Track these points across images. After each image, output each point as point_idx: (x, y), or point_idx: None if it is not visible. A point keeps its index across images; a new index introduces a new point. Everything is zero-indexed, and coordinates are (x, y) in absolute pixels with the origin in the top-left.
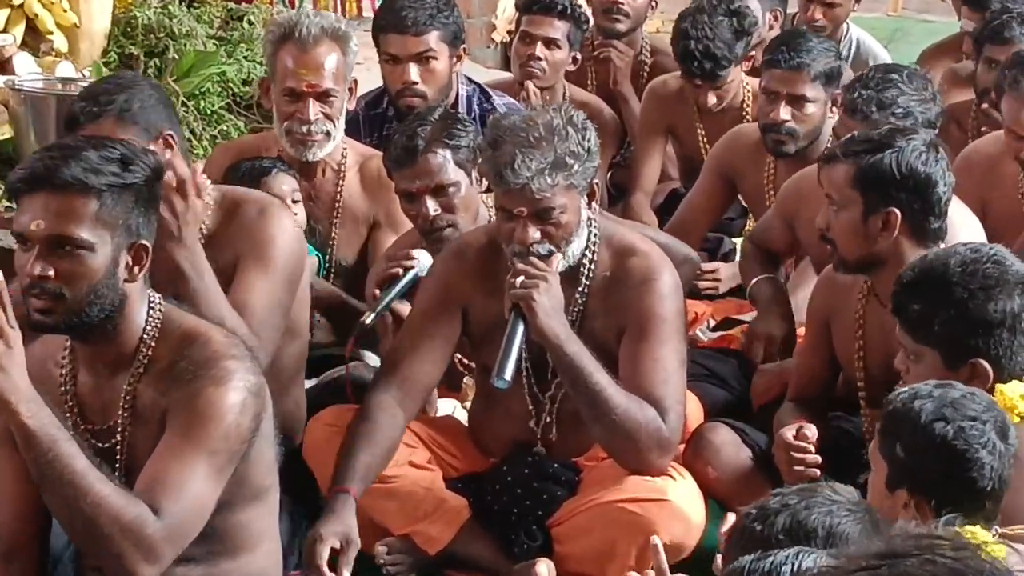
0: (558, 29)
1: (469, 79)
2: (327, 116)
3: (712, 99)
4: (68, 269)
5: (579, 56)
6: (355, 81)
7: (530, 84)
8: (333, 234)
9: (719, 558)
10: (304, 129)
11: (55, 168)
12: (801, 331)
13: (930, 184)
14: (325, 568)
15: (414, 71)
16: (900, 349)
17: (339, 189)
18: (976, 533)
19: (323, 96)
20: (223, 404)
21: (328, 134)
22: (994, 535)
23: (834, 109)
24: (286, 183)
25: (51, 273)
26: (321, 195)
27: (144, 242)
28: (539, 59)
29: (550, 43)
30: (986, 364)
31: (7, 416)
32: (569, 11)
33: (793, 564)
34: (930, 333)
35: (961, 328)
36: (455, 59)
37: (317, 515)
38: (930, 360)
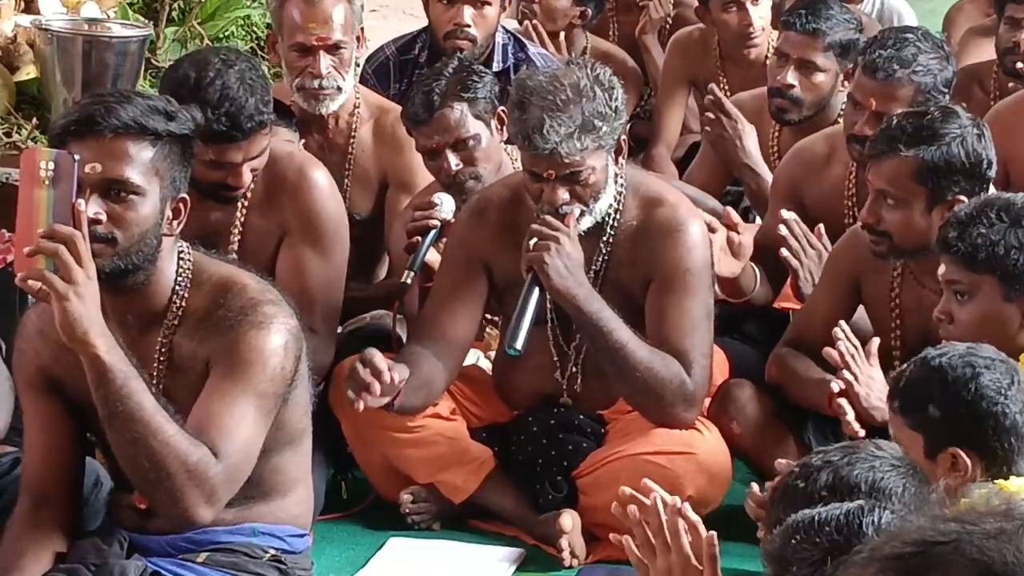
0: None
1: (504, 28)
2: (337, 69)
3: (753, 17)
4: (120, 214)
5: (589, 11)
6: (362, 29)
7: (528, 24)
8: (345, 187)
9: (754, 486)
10: (316, 84)
11: (112, 111)
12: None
13: (988, 165)
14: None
15: (468, 14)
16: (942, 298)
17: (351, 142)
18: (1021, 488)
19: (333, 49)
20: (266, 347)
21: (339, 87)
22: None
23: (845, 83)
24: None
25: (103, 217)
26: (333, 147)
27: (184, 195)
28: (533, 1)
29: None
30: None
31: (82, 348)
32: None
33: (872, 519)
34: (992, 258)
35: None
36: (503, 8)
37: (342, 462)
38: (986, 291)
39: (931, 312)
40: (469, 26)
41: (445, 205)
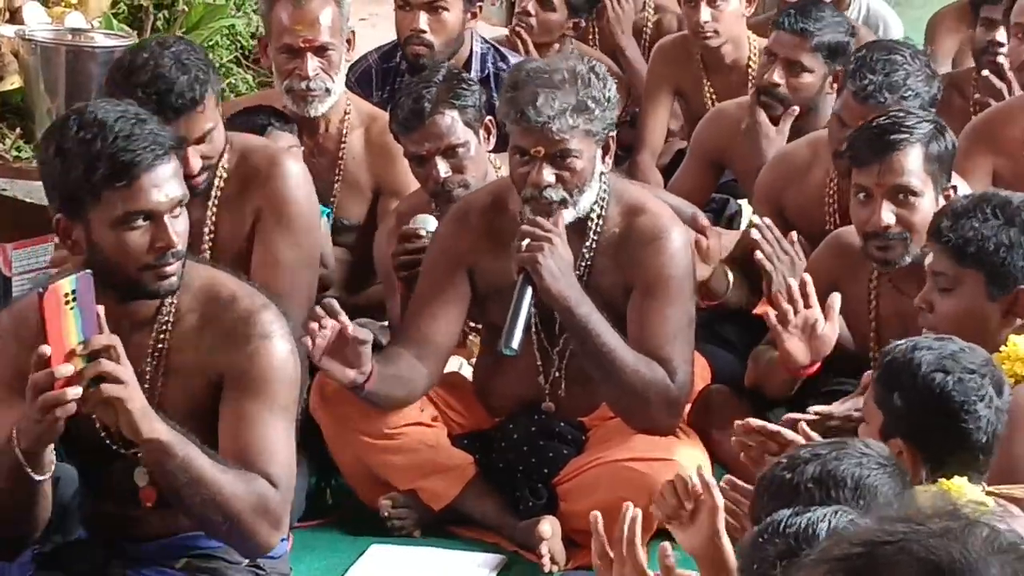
0: None
1: (483, 38)
2: (325, 71)
3: (706, 15)
4: (182, 230)
5: (582, 23)
6: (352, 32)
7: (513, 34)
8: (334, 192)
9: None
10: (304, 85)
11: (156, 137)
12: None
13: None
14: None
15: (423, 19)
16: (927, 284)
17: (341, 148)
18: (962, 488)
19: (320, 51)
20: (279, 358)
21: (328, 89)
22: (983, 491)
23: (833, 86)
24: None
25: (179, 238)
26: (323, 152)
27: None
28: (530, 15)
29: (544, 2)
30: None
31: (140, 438)
32: None
33: (830, 522)
34: (981, 253)
35: (1017, 251)
36: (469, 15)
37: (324, 468)
38: (971, 286)
39: (909, 320)
40: (425, 32)
41: (429, 229)
